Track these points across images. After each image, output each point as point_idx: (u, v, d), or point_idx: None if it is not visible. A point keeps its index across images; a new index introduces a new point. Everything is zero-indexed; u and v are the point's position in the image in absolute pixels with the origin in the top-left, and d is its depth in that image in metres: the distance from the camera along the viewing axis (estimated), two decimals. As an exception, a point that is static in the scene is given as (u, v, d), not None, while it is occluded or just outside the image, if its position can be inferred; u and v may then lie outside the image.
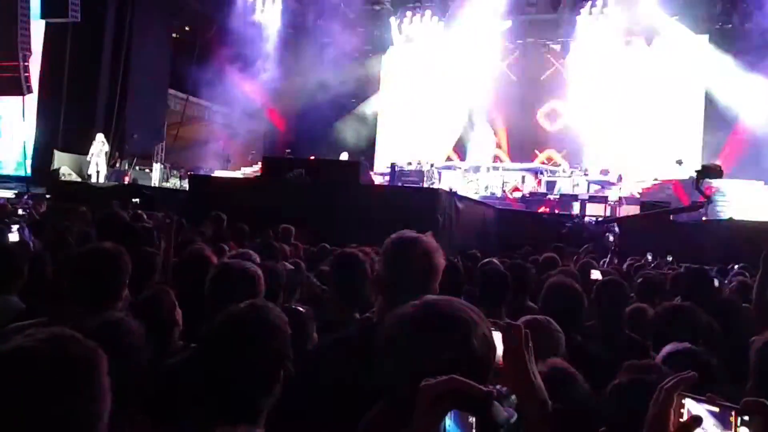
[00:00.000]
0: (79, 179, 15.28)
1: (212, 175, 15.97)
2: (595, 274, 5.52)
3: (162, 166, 17.29)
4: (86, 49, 16.36)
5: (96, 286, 2.42)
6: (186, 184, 14.76)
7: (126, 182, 15.48)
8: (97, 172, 15.54)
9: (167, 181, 17.14)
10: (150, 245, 3.97)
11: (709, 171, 12.70)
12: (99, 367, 1.21)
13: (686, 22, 17.25)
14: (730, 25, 17.06)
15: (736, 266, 7.15)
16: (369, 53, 20.84)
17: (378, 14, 20.45)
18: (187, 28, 19.88)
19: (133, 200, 10.78)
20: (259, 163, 14.39)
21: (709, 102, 17.18)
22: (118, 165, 16.67)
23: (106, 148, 15.84)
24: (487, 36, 19.23)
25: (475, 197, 15.39)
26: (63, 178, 15.15)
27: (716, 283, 4.89)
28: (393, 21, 20.38)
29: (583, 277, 5.14)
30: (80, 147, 15.97)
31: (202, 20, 19.49)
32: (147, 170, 17.06)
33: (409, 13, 20.26)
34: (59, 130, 16.22)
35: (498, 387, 1.21)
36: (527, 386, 1.38)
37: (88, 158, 15.60)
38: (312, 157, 14.60)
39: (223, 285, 2.58)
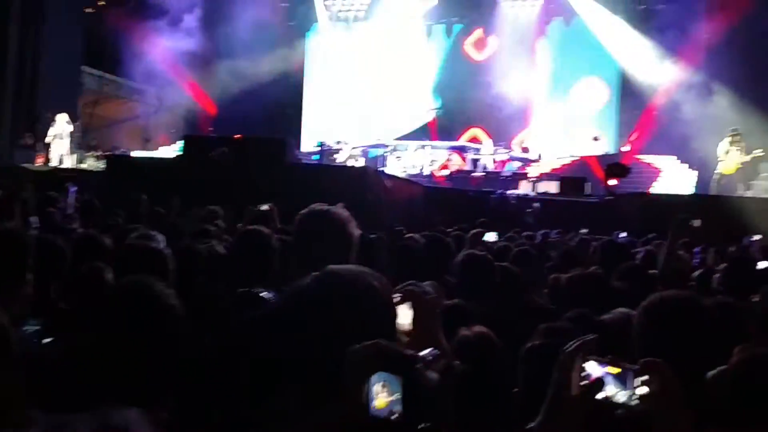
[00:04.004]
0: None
1: (130, 155, 15.41)
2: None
3: (77, 146, 16.52)
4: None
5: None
6: (103, 165, 14.17)
7: (38, 164, 14.75)
8: (61, 156, 14.93)
9: (83, 162, 16.40)
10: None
11: (615, 170, 13.31)
12: None
13: (602, 3, 17.82)
14: (643, 7, 17.73)
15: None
16: (293, 29, 20.46)
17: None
18: (101, 2, 18.92)
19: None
20: (181, 141, 13.95)
21: (624, 80, 17.87)
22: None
23: (70, 128, 15.13)
24: (413, 15, 19.27)
25: (403, 175, 15.56)
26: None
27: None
28: (318, -4, 20.10)
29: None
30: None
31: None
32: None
33: (334, -12, 20.04)
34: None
35: (425, 352, 1.23)
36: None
37: (48, 140, 14.91)
38: (237, 136, 14.28)
39: (127, 267, 2.51)
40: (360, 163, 16.51)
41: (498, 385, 1.88)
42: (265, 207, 5.98)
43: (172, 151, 16.98)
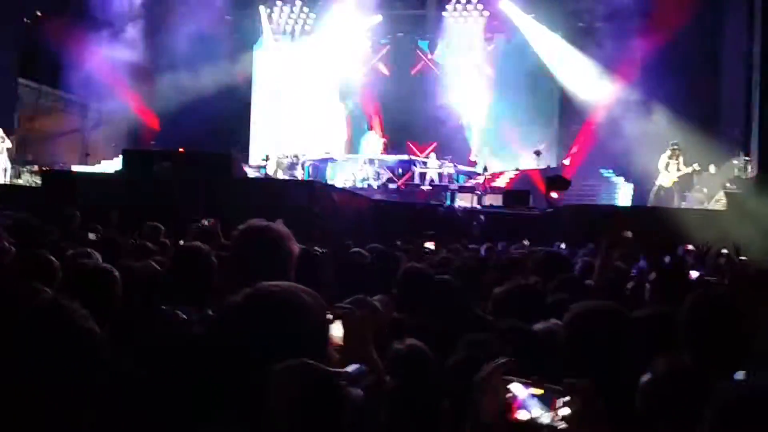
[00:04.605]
0: None
1: (68, 170, 14.97)
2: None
3: (13, 161, 15.94)
4: None
5: None
6: (39, 181, 13.72)
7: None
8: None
9: (19, 177, 15.82)
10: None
11: (555, 183, 13.72)
12: None
13: (542, 21, 18.31)
14: (582, 25, 18.29)
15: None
16: (239, 42, 20.27)
17: (247, 2, 19.96)
18: (39, 14, 18.36)
19: None
20: (121, 156, 13.61)
21: (565, 96, 18.37)
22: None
23: (8, 144, 14.65)
24: (358, 30, 19.39)
25: (351, 189, 15.65)
26: None
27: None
28: (263, 10, 20.00)
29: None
30: None
31: (58, 4, 18.10)
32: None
33: (279, 3, 19.96)
34: None
35: (347, 369, 1.23)
36: (365, 366, 1.42)
37: None
38: (181, 150, 14.05)
39: (72, 286, 2.44)
40: (284, 174, 16.62)
41: (431, 399, 1.90)
42: (207, 222, 5.90)
43: (113, 165, 16.56)
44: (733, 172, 14.06)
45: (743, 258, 7.48)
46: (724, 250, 7.85)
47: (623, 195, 16.06)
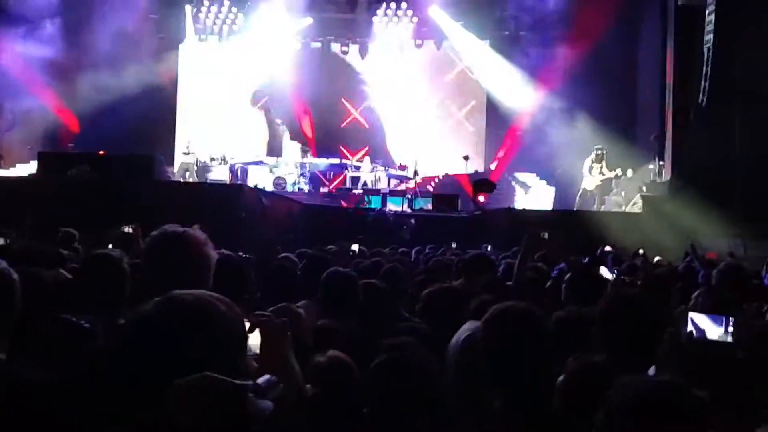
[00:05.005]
0: None
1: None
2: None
3: None
4: None
5: None
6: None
7: None
8: None
9: None
10: None
11: (481, 186, 14.16)
12: None
13: (470, 28, 18.69)
14: (508, 33, 18.77)
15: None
16: (164, 41, 19.62)
17: (172, 0, 19.41)
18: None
19: None
20: (36, 159, 12.99)
21: (491, 102, 18.81)
22: None
23: None
24: (288, 32, 19.21)
25: (282, 193, 15.51)
26: None
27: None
28: (188, 9, 19.51)
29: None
30: None
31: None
32: None
33: (206, 2, 19.53)
34: None
35: (258, 380, 1.20)
36: (283, 375, 1.39)
37: None
38: (101, 152, 13.53)
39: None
40: (197, 178, 16.38)
41: (352, 407, 1.88)
42: (128, 229, 5.70)
43: (29, 169, 15.77)
44: (649, 176, 14.75)
45: (658, 258, 7.87)
46: (641, 251, 8.23)
47: (545, 198, 16.58)
